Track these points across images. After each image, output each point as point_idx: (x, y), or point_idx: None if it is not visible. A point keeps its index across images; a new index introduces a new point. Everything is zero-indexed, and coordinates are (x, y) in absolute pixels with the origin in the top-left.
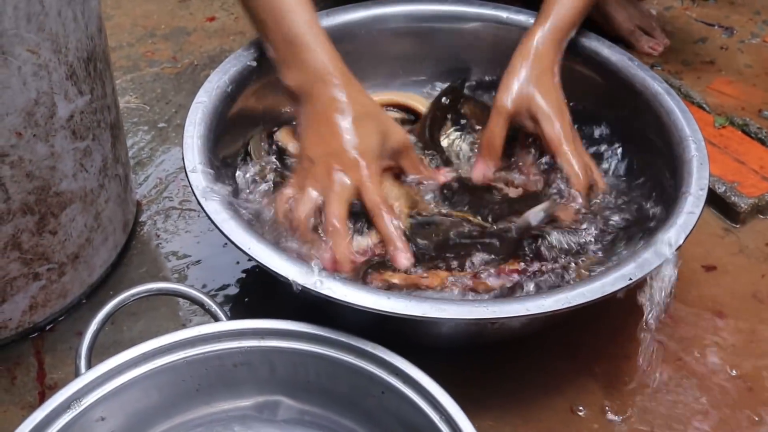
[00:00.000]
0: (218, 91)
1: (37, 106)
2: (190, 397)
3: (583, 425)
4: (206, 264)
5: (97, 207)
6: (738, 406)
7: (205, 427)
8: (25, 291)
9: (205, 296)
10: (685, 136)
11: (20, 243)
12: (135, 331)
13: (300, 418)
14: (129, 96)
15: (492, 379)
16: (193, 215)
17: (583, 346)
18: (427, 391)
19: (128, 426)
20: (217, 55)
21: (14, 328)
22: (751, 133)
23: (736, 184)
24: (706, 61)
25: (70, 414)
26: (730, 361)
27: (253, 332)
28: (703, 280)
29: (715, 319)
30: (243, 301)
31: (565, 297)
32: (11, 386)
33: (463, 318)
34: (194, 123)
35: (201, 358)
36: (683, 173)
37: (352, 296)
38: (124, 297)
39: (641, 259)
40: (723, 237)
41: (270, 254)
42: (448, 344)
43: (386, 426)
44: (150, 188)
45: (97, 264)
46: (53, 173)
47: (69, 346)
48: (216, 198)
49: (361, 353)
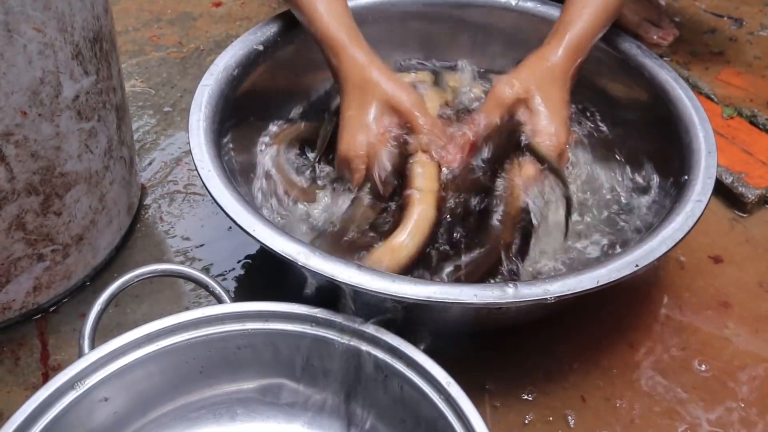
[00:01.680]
0: (224, 74)
1: (42, 86)
2: (193, 379)
3: (589, 411)
4: (211, 247)
5: (102, 189)
6: (741, 395)
7: (207, 410)
8: (29, 272)
9: (209, 278)
10: (693, 124)
11: (25, 223)
12: (138, 314)
13: (303, 401)
14: (134, 80)
15: (495, 363)
16: (197, 199)
17: (586, 333)
18: (430, 374)
19: (131, 407)
20: (223, 40)
21: (18, 309)
22: (759, 124)
23: (744, 175)
24: (715, 53)
25: (73, 394)
26: (735, 350)
27: (257, 315)
28: (709, 270)
29: (720, 308)
30: (247, 284)
31: (571, 282)
32: (15, 367)
33: (469, 303)
34: (200, 105)
35: (204, 340)
36: (691, 162)
37: (356, 278)
38: (129, 278)
39: (648, 246)
40: (730, 227)
41: (274, 236)
42: (451, 329)
43: (389, 409)
44: (155, 172)
45: (101, 246)
46: (58, 153)
47: (73, 328)
48: (220, 180)
49: (365, 337)
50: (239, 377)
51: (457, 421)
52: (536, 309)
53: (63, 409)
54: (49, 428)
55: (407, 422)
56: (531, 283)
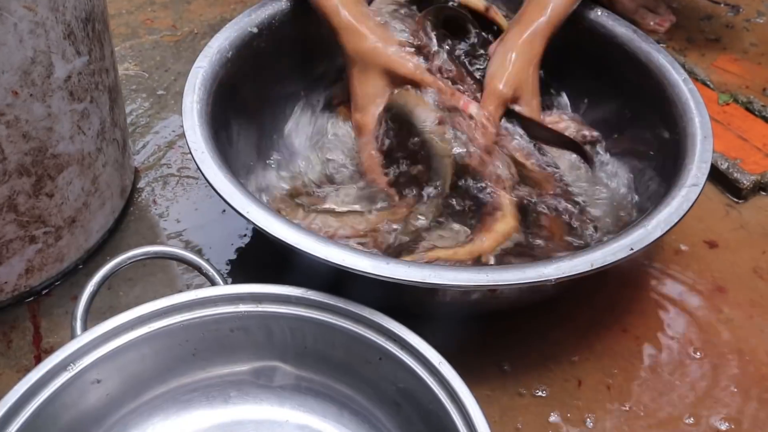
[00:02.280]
0: (218, 56)
1: (33, 65)
2: (187, 361)
3: (584, 395)
4: (204, 231)
5: (95, 171)
6: (736, 380)
7: (200, 392)
8: (21, 254)
9: (202, 260)
10: (689, 109)
11: (16, 205)
12: (131, 297)
13: (296, 383)
14: (128, 63)
15: (489, 348)
16: (191, 182)
17: (580, 318)
18: (425, 357)
19: (124, 389)
20: (217, 24)
21: (10, 291)
22: (754, 111)
23: (739, 161)
24: (711, 39)
25: (65, 376)
26: (729, 335)
27: (250, 297)
28: (704, 255)
29: (715, 294)
30: (241, 267)
31: (565, 265)
32: (7, 350)
33: (463, 284)
34: (193, 87)
35: (198, 323)
36: (687, 146)
37: (350, 261)
38: (122, 259)
39: (643, 229)
40: (725, 213)
41: (268, 218)
42: (446, 312)
43: (383, 392)
44: (148, 155)
45: (94, 229)
46: (50, 134)
47: (65, 311)
48: (214, 162)
49: (358, 319)
50: (232, 360)
51: (450, 402)
52: (531, 293)
53: (55, 391)
54: (41, 410)
55: (401, 405)
56: (526, 266)
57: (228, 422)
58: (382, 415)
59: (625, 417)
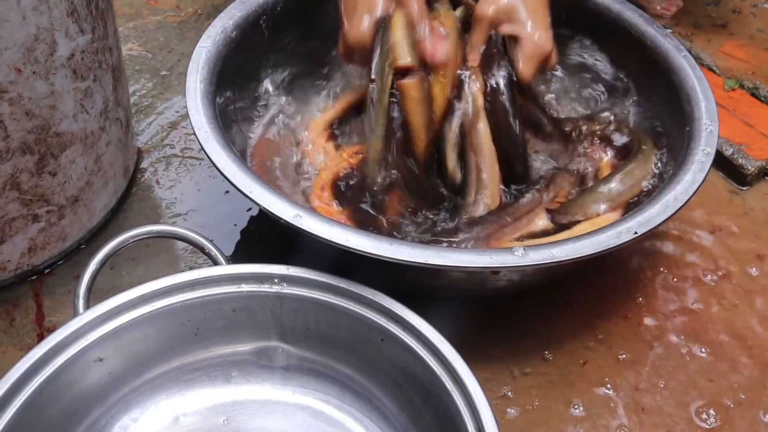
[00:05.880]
0: (222, 36)
1: (36, 42)
2: (189, 340)
3: (586, 378)
4: (207, 211)
5: (98, 150)
6: (738, 367)
7: (202, 372)
8: (24, 232)
9: (204, 239)
10: (695, 93)
11: (19, 183)
12: (134, 276)
13: (298, 364)
14: (131, 44)
15: (491, 331)
16: (194, 163)
17: (582, 301)
18: (427, 339)
19: (126, 367)
20: (221, 4)
21: (13, 270)
22: (760, 97)
23: (744, 147)
24: (718, 24)
25: (67, 353)
26: (733, 322)
27: (252, 277)
28: (707, 241)
29: (718, 280)
30: (244, 247)
31: (569, 247)
32: (9, 328)
33: (467, 266)
34: (197, 67)
35: (200, 302)
36: (692, 130)
37: (353, 241)
38: (125, 238)
39: (647, 213)
40: (729, 199)
41: (271, 197)
42: (448, 294)
43: (385, 373)
44: (151, 135)
45: (97, 208)
46: (53, 113)
47: (68, 290)
48: (217, 141)
49: (361, 300)
50: (235, 339)
51: (452, 382)
52: (534, 275)
53: (57, 369)
54: (43, 387)
55: (403, 386)
56: (530, 249)
57: (230, 402)
58: (383, 395)
59: (627, 401)
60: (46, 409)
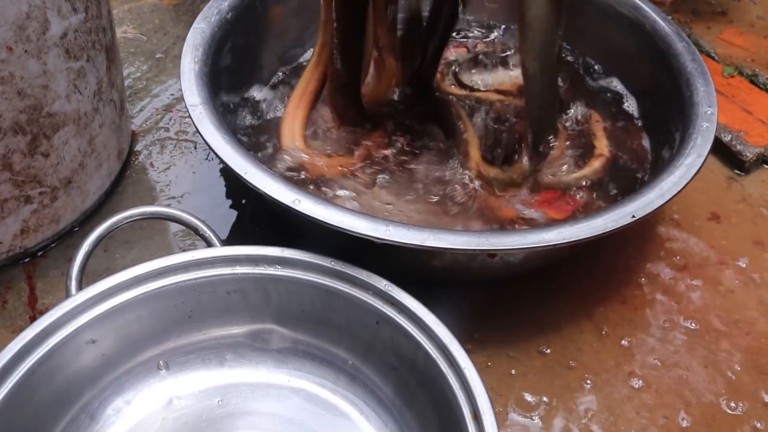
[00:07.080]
0: (217, 17)
1: (28, 20)
2: (182, 322)
3: (582, 363)
4: (202, 194)
5: (91, 131)
6: (733, 352)
7: (196, 354)
8: (17, 214)
9: (198, 221)
10: (694, 78)
11: (11, 163)
12: (128, 259)
13: (293, 347)
14: (126, 26)
15: (487, 315)
16: (189, 146)
17: (578, 286)
18: (423, 321)
19: (119, 349)
20: None
21: (5, 252)
22: (759, 84)
23: (743, 133)
24: (718, 12)
25: (60, 335)
26: (730, 307)
27: (247, 259)
28: (705, 227)
29: (715, 266)
30: (238, 231)
31: (566, 231)
32: (2, 310)
33: (462, 248)
34: (192, 48)
35: (194, 284)
36: (691, 115)
37: (348, 223)
38: (118, 219)
39: (645, 197)
40: (727, 186)
41: (266, 179)
42: (443, 277)
43: (380, 356)
44: (146, 118)
45: (90, 190)
46: (46, 93)
47: (61, 273)
48: (211, 122)
49: (356, 282)
50: (229, 322)
51: (447, 366)
52: (530, 259)
53: (50, 350)
54: (35, 369)
55: (398, 369)
56: (526, 231)
57: (224, 385)
58: (378, 378)
59: (624, 385)
60: (38, 391)
